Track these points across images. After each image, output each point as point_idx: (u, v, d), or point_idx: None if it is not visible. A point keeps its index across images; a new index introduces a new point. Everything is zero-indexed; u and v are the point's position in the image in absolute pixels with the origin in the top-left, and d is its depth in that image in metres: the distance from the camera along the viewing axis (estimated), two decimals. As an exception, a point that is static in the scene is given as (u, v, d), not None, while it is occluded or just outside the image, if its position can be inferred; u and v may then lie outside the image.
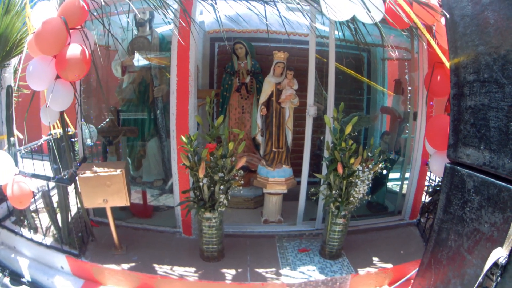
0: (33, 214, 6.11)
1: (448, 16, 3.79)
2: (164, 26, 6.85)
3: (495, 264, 2.91)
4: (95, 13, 4.74)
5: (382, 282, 5.65)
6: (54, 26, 4.41)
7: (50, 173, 5.88)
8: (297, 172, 6.56)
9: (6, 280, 5.54)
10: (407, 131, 7.52)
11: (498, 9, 3.08)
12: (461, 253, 3.53)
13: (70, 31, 4.57)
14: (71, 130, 6.37)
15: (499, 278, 2.90)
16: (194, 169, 5.14)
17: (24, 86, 6.40)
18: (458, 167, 3.72)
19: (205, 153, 5.03)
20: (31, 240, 5.71)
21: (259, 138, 6.72)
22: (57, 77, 4.71)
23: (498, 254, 2.89)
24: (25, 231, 5.86)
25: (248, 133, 7.41)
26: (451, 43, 3.84)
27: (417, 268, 4.41)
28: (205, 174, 5.10)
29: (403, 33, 5.39)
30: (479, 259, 3.25)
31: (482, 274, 2.99)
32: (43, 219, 6.11)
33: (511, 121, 2.98)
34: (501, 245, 2.93)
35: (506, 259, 2.84)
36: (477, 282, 3.04)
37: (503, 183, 3.06)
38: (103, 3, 4.42)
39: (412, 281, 4.65)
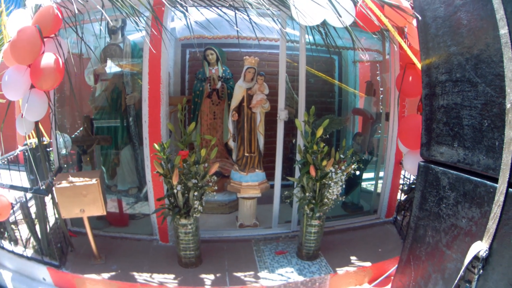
0: (13, 226, 6.07)
1: (420, 18, 3.85)
2: (136, 33, 6.86)
3: (476, 258, 2.97)
4: (68, 21, 4.75)
5: (362, 280, 5.71)
6: (29, 35, 4.42)
7: (26, 184, 5.87)
8: (270, 176, 6.60)
9: (-10, 294, 5.52)
10: (379, 131, 7.58)
11: (471, 10, 3.12)
12: (440, 249, 3.59)
13: (44, 39, 4.57)
14: (46, 139, 6.34)
15: (481, 271, 2.96)
16: (168, 176, 5.15)
17: (0, 95, 6.38)
18: (432, 165, 3.78)
19: (178, 160, 5.06)
20: (12, 252, 5.66)
21: (231, 143, 6.72)
22: (32, 86, 4.70)
23: (478, 248, 2.95)
24: (6, 244, 5.80)
25: (220, 138, 7.43)
26: (422, 45, 3.90)
27: (396, 265, 4.46)
28: (179, 181, 5.11)
29: (374, 36, 5.44)
30: (458, 253, 3.30)
31: (463, 268, 3.04)
32: (23, 231, 6.07)
33: (485, 118, 3.03)
34: (480, 239, 2.98)
35: (486, 252, 2.89)
36: (459, 276, 3.09)
37: (478, 179, 3.12)
38: (76, 12, 4.42)
39: (393, 277, 4.70)
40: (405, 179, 7.58)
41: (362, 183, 7.97)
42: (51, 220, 5.87)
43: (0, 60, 4.98)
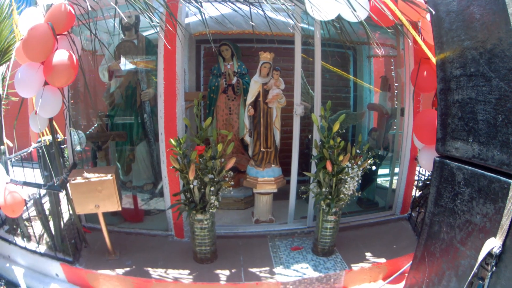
0: (26, 223, 6.08)
1: (433, 12, 3.82)
2: (150, 29, 6.85)
3: (489, 254, 2.94)
4: (81, 18, 4.73)
5: (377, 277, 5.69)
6: (41, 32, 4.41)
7: (40, 181, 5.87)
8: (286, 171, 6.57)
9: (3, 290, 5.54)
10: (394, 127, 7.55)
11: (484, 4, 3.11)
12: (454, 245, 3.56)
13: (57, 37, 4.56)
14: (60, 136, 6.35)
15: (494, 268, 2.93)
16: (184, 171, 5.15)
17: (12, 93, 6.36)
18: (447, 161, 3.75)
19: (195, 155, 5.04)
20: (25, 248, 5.69)
21: (247, 138, 6.70)
22: (45, 83, 4.70)
23: (492, 244, 2.92)
24: (18, 240, 5.83)
25: (236, 134, 7.46)
26: (437, 39, 3.87)
27: (411, 262, 4.43)
28: (195, 176, 5.10)
29: (388, 30, 5.42)
30: (472, 250, 3.28)
31: (477, 264, 3.02)
32: (36, 227, 6.09)
33: (499, 113, 3.01)
34: (494, 235, 2.96)
35: (500, 249, 2.87)
36: (472, 273, 3.07)
37: (493, 175, 3.09)
38: (89, 8, 4.41)
39: (407, 274, 4.67)
40: (420, 175, 7.56)
41: (377, 179, 7.95)
42: (65, 216, 5.89)
43: (13, 59, 4.99)
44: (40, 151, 5.79)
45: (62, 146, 6.46)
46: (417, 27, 5.57)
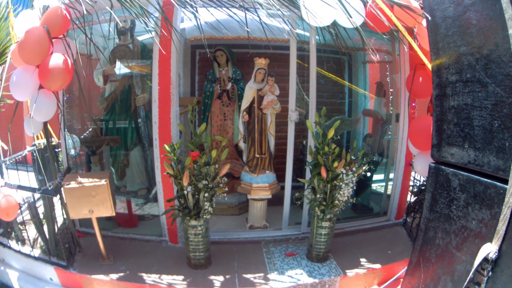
0: (20, 226, 6.07)
1: (429, 18, 3.82)
2: (145, 34, 6.84)
3: (485, 259, 2.94)
4: (77, 22, 4.73)
5: (371, 283, 5.67)
6: (37, 36, 4.40)
7: (35, 184, 5.86)
8: (280, 178, 6.56)
9: (-4, 294, 5.52)
10: (389, 132, 7.56)
11: (480, 10, 3.11)
12: (450, 251, 3.56)
13: (53, 40, 4.56)
14: (54, 140, 6.33)
15: (490, 273, 2.93)
16: (178, 177, 5.14)
17: (8, 96, 6.34)
18: (443, 167, 3.75)
19: (189, 161, 5.04)
20: (19, 252, 5.67)
21: (241, 144, 6.69)
22: (40, 87, 4.69)
23: (488, 249, 2.92)
24: (13, 243, 5.81)
25: (230, 140, 7.45)
26: (432, 45, 3.87)
27: (406, 267, 4.43)
28: (189, 182, 5.09)
29: (384, 36, 5.42)
30: (468, 255, 3.28)
31: (473, 270, 3.02)
32: (30, 231, 6.08)
33: (495, 119, 3.01)
34: (490, 241, 2.96)
35: (496, 254, 2.87)
36: (468, 278, 3.07)
37: (489, 180, 3.09)
38: (85, 12, 4.40)
39: (402, 280, 4.67)
40: (415, 180, 7.57)
41: (372, 185, 7.97)
42: (59, 220, 5.88)
43: (8, 61, 4.97)
44: (34, 154, 5.77)
45: (57, 150, 6.45)
46: (413, 33, 5.58)
